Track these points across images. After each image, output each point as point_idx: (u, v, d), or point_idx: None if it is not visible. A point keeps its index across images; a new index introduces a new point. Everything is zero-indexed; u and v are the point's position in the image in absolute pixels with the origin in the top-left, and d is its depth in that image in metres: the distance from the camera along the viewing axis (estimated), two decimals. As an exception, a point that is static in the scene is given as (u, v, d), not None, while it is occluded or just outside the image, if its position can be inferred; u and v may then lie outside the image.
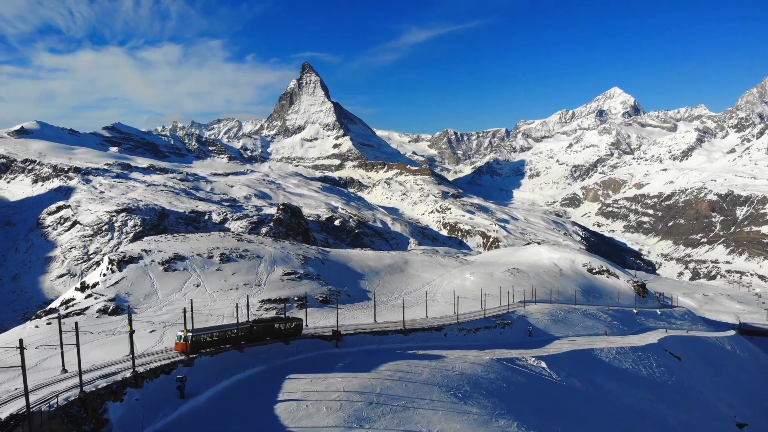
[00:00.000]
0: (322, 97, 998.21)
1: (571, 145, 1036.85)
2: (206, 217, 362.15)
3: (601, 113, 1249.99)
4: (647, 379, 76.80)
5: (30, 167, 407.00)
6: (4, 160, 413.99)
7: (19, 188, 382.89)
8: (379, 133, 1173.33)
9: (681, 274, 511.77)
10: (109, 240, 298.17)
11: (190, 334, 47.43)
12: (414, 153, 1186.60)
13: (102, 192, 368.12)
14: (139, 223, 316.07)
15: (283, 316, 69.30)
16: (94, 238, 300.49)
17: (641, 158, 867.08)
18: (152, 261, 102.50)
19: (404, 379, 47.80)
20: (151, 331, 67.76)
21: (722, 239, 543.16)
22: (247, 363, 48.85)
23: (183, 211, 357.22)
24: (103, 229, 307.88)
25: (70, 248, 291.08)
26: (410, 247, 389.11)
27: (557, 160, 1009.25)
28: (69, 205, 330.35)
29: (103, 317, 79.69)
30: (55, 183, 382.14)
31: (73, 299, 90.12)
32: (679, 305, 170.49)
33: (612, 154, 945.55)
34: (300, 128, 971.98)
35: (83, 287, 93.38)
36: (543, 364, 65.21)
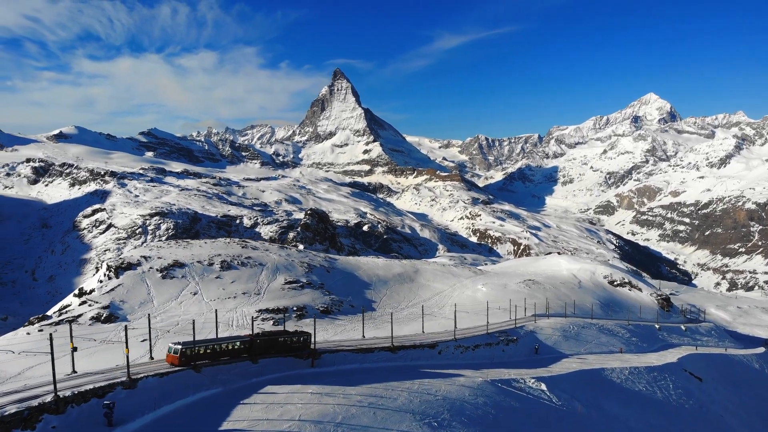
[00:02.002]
0: (353, 104, 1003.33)
1: (605, 151, 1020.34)
2: (237, 221, 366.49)
3: (636, 119, 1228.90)
4: (662, 403, 71.04)
5: (68, 171, 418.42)
6: (42, 164, 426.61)
7: (56, 191, 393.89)
8: (409, 138, 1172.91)
9: (718, 284, 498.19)
10: (143, 243, 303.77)
11: (179, 346, 46.14)
12: (444, 159, 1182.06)
13: (137, 196, 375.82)
14: (171, 227, 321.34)
15: (293, 329, 66.09)
16: (128, 241, 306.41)
17: (677, 165, 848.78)
18: (150, 268, 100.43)
19: (374, 405, 43.16)
20: (143, 341, 65.25)
21: (761, 249, 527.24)
22: (200, 385, 44.65)
23: (215, 215, 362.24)
24: (137, 232, 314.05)
25: (105, 251, 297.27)
26: (438, 254, 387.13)
27: (591, 167, 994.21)
28: (104, 209, 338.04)
29: (96, 325, 78.03)
30: (92, 187, 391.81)
31: (69, 305, 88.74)
32: (706, 320, 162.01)
33: (647, 161, 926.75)
34: (331, 134, 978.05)
35: (81, 293, 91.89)
36: (543, 386, 60.10)
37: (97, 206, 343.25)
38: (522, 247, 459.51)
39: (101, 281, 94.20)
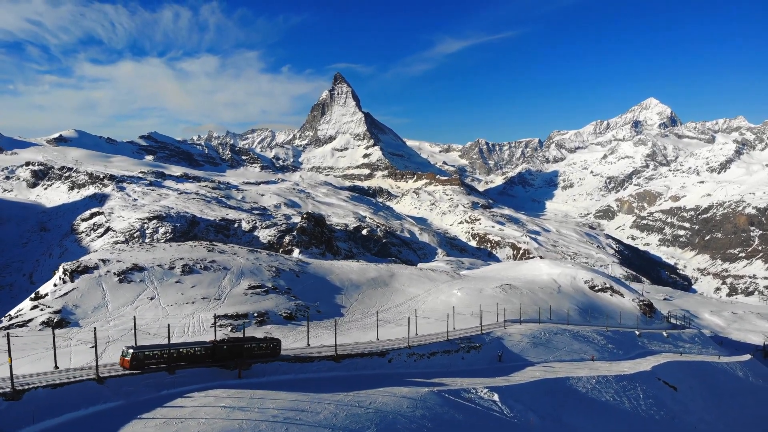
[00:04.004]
0: (353, 108, 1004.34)
1: (605, 156, 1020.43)
2: (236, 225, 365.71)
3: (636, 124, 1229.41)
4: (630, 414, 67.46)
5: (67, 174, 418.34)
6: (42, 167, 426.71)
7: (55, 195, 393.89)
8: (409, 143, 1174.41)
9: (718, 289, 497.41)
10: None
11: (131, 349, 45.38)
12: (444, 163, 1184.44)
13: (135, 199, 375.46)
14: (169, 230, 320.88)
15: (262, 335, 64.96)
16: (126, 244, 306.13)
17: (678, 170, 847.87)
18: (108, 271, 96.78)
19: (290, 420, 38.77)
20: (92, 347, 62.96)
21: (761, 254, 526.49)
22: (99, 397, 40.66)
23: (213, 219, 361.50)
24: (135, 236, 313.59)
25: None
26: (437, 258, 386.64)
27: (591, 172, 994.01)
28: (103, 212, 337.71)
29: (46, 330, 75.69)
30: (91, 190, 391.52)
31: (21, 310, 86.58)
32: (692, 326, 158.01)
33: (647, 166, 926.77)
34: (331, 138, 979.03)
35: (37, 297, 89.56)
36: (495, 397, 55.86)
37: (95, 210, 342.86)
38: (521, 251, 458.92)
39: (56, 285, 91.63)
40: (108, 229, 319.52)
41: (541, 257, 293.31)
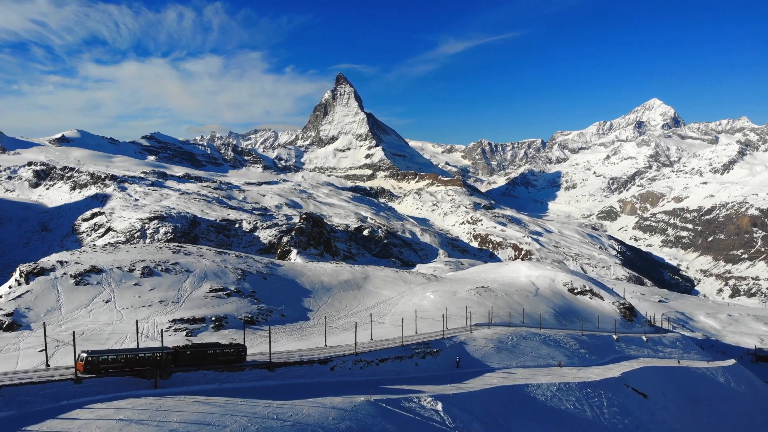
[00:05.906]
0: (356, 108, 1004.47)
1: (608, 156, 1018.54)
2: (237, 225, 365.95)
3: (639, 125, 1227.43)
4: (590, 423, 63.30)
5: (68, 174, 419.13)
6: (44, 168, 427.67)
7: (57, 195, 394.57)
8: (412, 143, 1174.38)
9: (720, 290, 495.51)
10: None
11: (85, 354, 44.39)
12: (447, 164, 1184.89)
13: (136, 200, 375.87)
14: (170, 231, 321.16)
15: (229, 341, 63.98)
16: (127, 245, 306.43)
17: (681, 171, 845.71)
18: (64, 273, 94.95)
19: None
20: (40, 351, 62.05)
21: (764, 255, 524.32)
22: None
23: (214, 219, 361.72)
24: (136, 236, 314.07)
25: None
26: (438, 258, 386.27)
27: (594, 172, 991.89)
28: (104, 212, 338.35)
29: None
30: (92, 190, 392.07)
31: None
32: (672, 330, 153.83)
33: (650, 167, 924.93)
34: (333, 138, 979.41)
35: None
36: (438, 406, 52.19)
37: (96, 210, 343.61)
38: (523, 252, 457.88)
39: (11, 287, 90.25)
40: (109, 230, 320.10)
41: (522, 259, 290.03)
